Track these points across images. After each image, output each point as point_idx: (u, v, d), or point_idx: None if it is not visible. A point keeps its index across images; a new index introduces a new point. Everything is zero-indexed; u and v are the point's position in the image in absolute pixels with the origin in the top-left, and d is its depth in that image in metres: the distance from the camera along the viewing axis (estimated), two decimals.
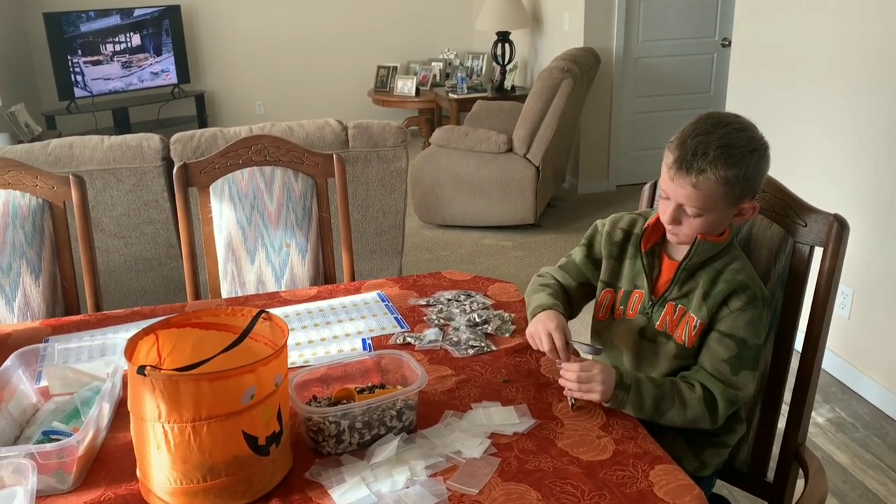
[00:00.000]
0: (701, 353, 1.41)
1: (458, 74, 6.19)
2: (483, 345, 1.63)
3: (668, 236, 1.43)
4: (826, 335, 1.44)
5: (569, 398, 1.39)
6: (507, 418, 1.37)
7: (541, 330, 1.42)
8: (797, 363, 1.48)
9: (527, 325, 1.70)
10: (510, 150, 4.49)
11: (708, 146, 1.29)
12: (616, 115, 5.31)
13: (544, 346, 1.41)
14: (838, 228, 1.40)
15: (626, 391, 1.33)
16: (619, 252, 1.53)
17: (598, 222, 1.60)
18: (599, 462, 1.25)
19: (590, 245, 1.59)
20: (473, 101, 5.65)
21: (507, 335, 1.68)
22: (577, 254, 1.61)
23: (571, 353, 1.41)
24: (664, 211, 1.38)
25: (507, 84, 5.97)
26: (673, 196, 1.35)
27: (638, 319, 1.48)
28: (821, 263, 1.42)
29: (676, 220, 1.37)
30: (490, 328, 1.70)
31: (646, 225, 1.47)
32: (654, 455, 1.26)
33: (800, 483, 1.49)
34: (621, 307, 1.51)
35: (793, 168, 1.60)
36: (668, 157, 1.34)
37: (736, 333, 1.36)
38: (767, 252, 1.48)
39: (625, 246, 1.52)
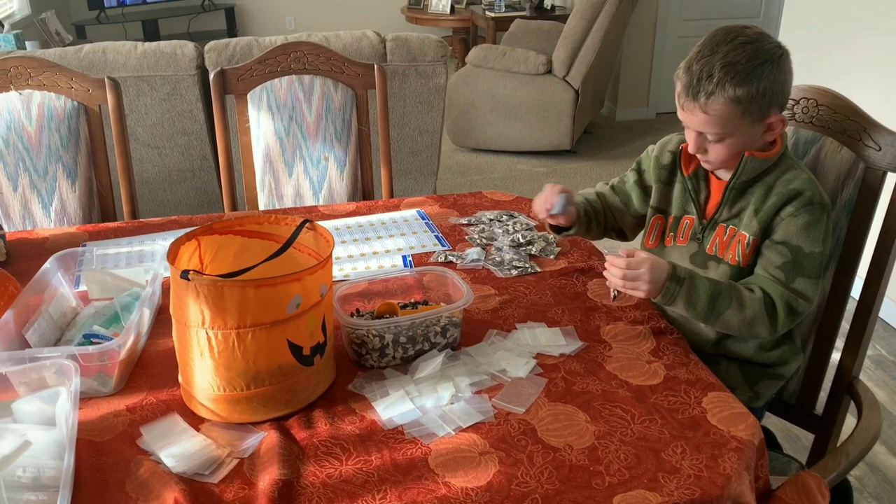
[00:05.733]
0: (756, 265, 1.34)
1: None
2: (527, 266, 1.59)
3: (704, 165, 1.35)
4: (892, 265, 1.37)
5: (611, 290, 1.34)
6: (553, 339, 1.34)
7: (546, 188, 1.45)
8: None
9: (571, 246, 1.66)
10: (549, 71, 4.35)
11: (712, 68, 1.21)
12: (660, 38, 5.10)
13: (540, 197, 1.45)
14: None
15: (678, 284, 1.25)
16: (668, 176, 1.45)
17: (649, 147, 1.52)
18: (650, 387, 1.21)
19: (639, 170, 1.53)
20: (511, 20, 5.45)
21: (551, 257, 1.63)
22: (630, 177, 1.54)
23: (557, 208, 1.42)
24: (689, 141, 1.31)
25: (547, 3, 5.75)
26: (690, 125, 1.28)
27: (689, 246, 1.42)
28: (894, 189, 1.34)
29: (701, 149, 1.30)
30: (534, 249, 1.65)
31: (681, 147, 1.40)
32: (706, 382, 1.22)
33: (848, 420, 1.45)
34: (671, 234, 1.44)
35: (855, 97, 1.49)
36: (678, 86, 1.27)
37: (790, 240, 1.28)
38: (835, 177, 1.40)
39: (674, 169, 1.44)
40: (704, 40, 1.26)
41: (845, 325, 1.44)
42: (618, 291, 1.32)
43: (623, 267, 1.25)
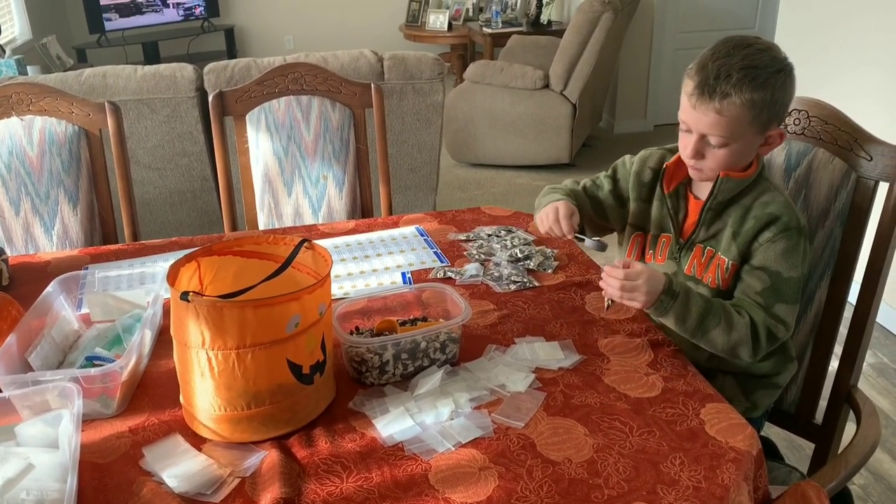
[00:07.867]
0: (736, 289, 1.34)
1: (493, 8, 6.01)
2: (525, 280, 1.60)
3: (691, 173, 1.34)
4: (887, 273, 1.38)
5: (605, 299, 1.33)
6: (551, 353, 1.34)
7: (549, 210, 1.41)
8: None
9: (569, 260, 1.67)
10: (546, 86, 4.37)
11: (731, 68, 1.20)
12: (656, 50, 5.14)
13: (549, 221, 1.41)
14: None
15: (672, 298, 1.25)
16: (647, 193, 1.45)
17: (626, 158, 1.51)
18: (648, 399, 1.22)
19: (615, 179, 1.53)
20: (508, 35, 5.49)
21: (549, 271, 1.64)
22: (605, 185, 1.54)
23: (572, 234, 1.40)
24: (685, 145, 1.29)
25: (544, 18, 5.79)
26: (695, 127, 1.26)
27: (667, 265, 1.42)
28: (885, 199, 1.35)
29: (699, 154, 1.28)
30: (532, 264, 1.66)
31: (665, 165, 1.39)
32: (704, 393, 1.23)
33: (848, 429, 1.45)
34: (650, 251, 1.44)
35: (849, 107, 1.50)
36: (688, 85, 1.25)
37: (768, 266, 1.29)
38: (828, 187, 1.42)
39: (654, 186, 1.44)
40: (717, 45, 1.25)
41: (844, 332, 1.45)
42: (612, 301, 1.32)
43: (621, 277, 1.25)
